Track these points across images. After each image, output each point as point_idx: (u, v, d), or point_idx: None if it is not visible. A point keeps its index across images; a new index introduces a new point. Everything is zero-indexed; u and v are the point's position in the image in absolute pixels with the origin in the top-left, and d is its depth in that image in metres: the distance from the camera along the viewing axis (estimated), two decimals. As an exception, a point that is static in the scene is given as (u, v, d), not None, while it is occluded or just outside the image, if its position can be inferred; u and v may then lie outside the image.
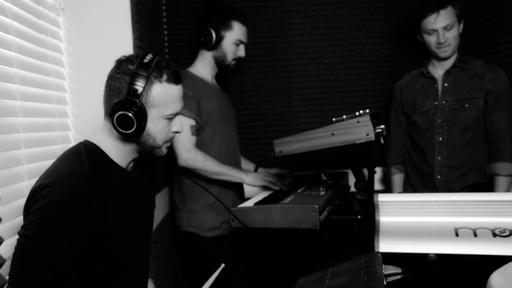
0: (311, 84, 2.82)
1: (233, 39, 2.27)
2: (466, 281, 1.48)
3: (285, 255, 2.69)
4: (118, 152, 1.33)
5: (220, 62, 2.30)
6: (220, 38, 2.25)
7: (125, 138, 1.30)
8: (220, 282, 1.46)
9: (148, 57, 1.28)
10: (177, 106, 1.34)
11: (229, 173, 2.16)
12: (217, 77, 2.43)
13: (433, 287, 1.50)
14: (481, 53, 2.43)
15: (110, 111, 1.25)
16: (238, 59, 2.35)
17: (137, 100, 1.24)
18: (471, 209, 1.42)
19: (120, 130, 1.25)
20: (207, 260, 2.23)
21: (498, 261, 0.98)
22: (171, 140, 1.40)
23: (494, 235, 1.34)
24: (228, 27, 2.25)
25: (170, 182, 2.48)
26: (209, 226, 2.22)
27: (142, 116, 1.25)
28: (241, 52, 2.33)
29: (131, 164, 1.40)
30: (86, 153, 1.26)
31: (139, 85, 1.24)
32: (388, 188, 2.63)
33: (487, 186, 2.27)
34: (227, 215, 1.77)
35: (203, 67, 2.32)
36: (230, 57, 2.29)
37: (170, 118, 1.34)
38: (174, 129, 1.37)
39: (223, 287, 1.57)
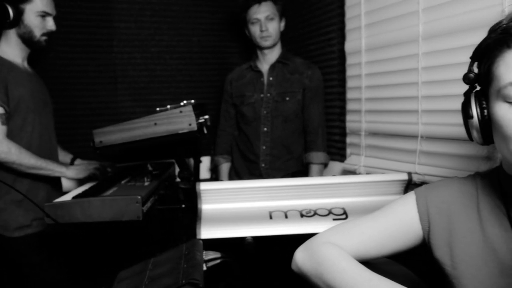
0: (138, 72, 2.74)
1: (36, 11, 2.01)
2: (280, 258, 1.63)
3: (109, 249, 2.59)
4: None
5: (27, 40, 2.04)
6: (19, 13, 1.98)
7: None
8: (34, 283, 1.34)
9: None
10: None
11: (48, 167, 1.96)
12: (32, 61, 2.19)
13: (251, 267, 1.61)
14: (295, 51, 2.66)
15: None
16: (49, 34, 2.10)
17: None
18: (283, 193, 1.57)
19: None
20: (17, 263, 1.99)
21: (305, 238, 1.09)
22: None
23: (302, 215, 1.50)
24: None
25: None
26: (17, 225, 1.98)
27: None
28: (50, 25, 2.08)
29: None
30: None
31: None
32: (214, 177, 2.73)
33: (306, 174, 2.49)
34: (39, 211, 1.62)
35: (9, 48, 2.04)
36: (37, 32, 2.04)
37: None
38: None
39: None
